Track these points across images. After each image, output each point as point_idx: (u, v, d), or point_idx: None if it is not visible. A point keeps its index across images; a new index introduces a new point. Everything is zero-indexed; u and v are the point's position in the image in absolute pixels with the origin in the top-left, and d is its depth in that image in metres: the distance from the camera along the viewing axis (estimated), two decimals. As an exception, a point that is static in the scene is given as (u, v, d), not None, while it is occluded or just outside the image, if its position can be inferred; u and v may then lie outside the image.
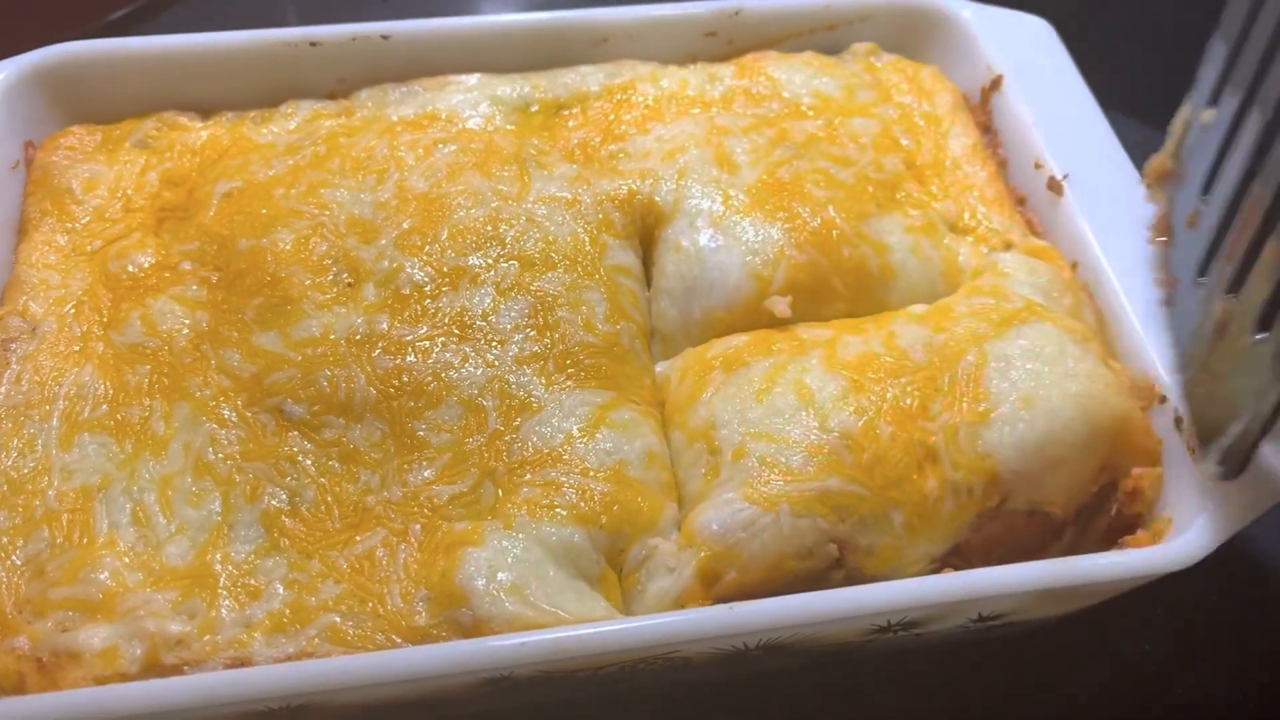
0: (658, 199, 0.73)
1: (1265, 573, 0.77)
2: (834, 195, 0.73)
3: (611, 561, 0.61)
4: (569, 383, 0.65)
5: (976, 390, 0.64)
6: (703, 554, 0.60)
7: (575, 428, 0.64)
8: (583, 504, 0.61)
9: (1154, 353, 0.65)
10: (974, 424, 0.63)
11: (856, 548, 0.61)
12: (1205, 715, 0.72)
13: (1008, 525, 0.63)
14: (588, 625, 0.55)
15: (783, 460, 0.62)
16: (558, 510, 0.60)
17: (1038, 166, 0.76)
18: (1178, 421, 0.62)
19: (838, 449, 0.62)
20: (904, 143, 0.78)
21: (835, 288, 0.71)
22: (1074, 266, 0.72)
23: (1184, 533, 0.59)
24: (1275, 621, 0.74)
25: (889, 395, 0.64)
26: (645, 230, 0.74)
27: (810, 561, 0.60)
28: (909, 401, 0.64)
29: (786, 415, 0.64)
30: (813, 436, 0.62)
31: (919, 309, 0.70)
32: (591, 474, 0.62)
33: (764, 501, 0.60)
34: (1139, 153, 0.77)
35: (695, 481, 0.64)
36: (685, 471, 0.65)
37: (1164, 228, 0.65)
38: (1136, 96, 1.06)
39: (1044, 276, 0.70)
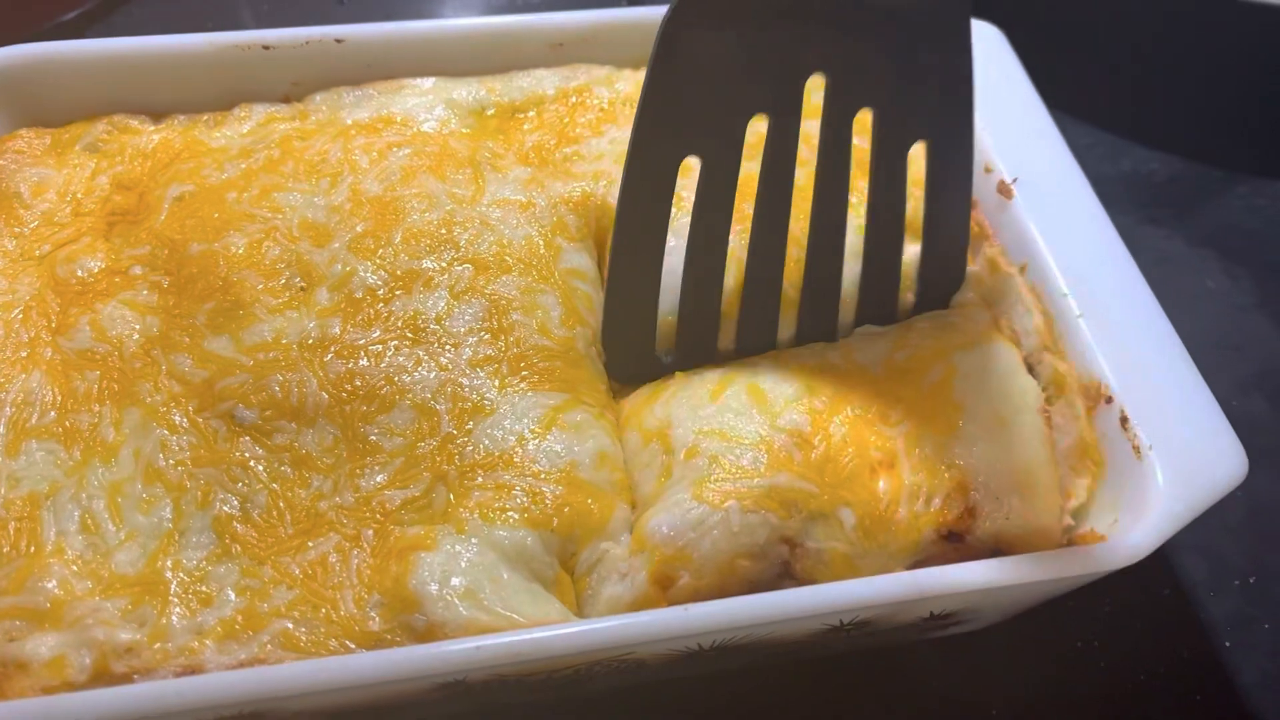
0: (611, 201, 0.73)
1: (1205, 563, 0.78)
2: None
3: (565, 565, 0.62)
4: (522, 385, 0.65)
5: (944, 402, 0.64)
6: (655, 559, 0.60)
7: (527, 429, 0.63)
8: (534, 507, 0.61)
9: (1100, 353, 0.66)
10: (942, 436, 0.63)
11: (806, 551, 0.61)
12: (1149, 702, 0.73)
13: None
14: (542, 628, 0.55)
15: (733, 458, 0.62)
16: (509, 513, 0.60)
17: (988, 170, 0.77)
18: (1123, 421, 0.64)
19: (787, 446, 0.62)
20: (856, 142, 0.78)
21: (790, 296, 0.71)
22: (1022, 268, 0.73)
23: (1130, 530, 0.60)
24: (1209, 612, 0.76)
25: (845, 401, 0.64)
26: (599, 233, 0.74)
27: (763, 563, 0.60)
28: (867, 408, 0.64)
29: (738, 413, 0.64)
30: (763, 433, 0.62)
31: (876, 329, 0.71)
32: (542, 476, 0.62)
33: (714, 499, 0.60)
34: (1088, 156, 0.78)
35: (649, 483, 0.64)
36: (640, 473, 0.65)
37: None
38: (1086, 101, 1.08)
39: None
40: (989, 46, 0.84)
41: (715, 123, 0.62)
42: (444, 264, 0.69)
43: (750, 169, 0.64)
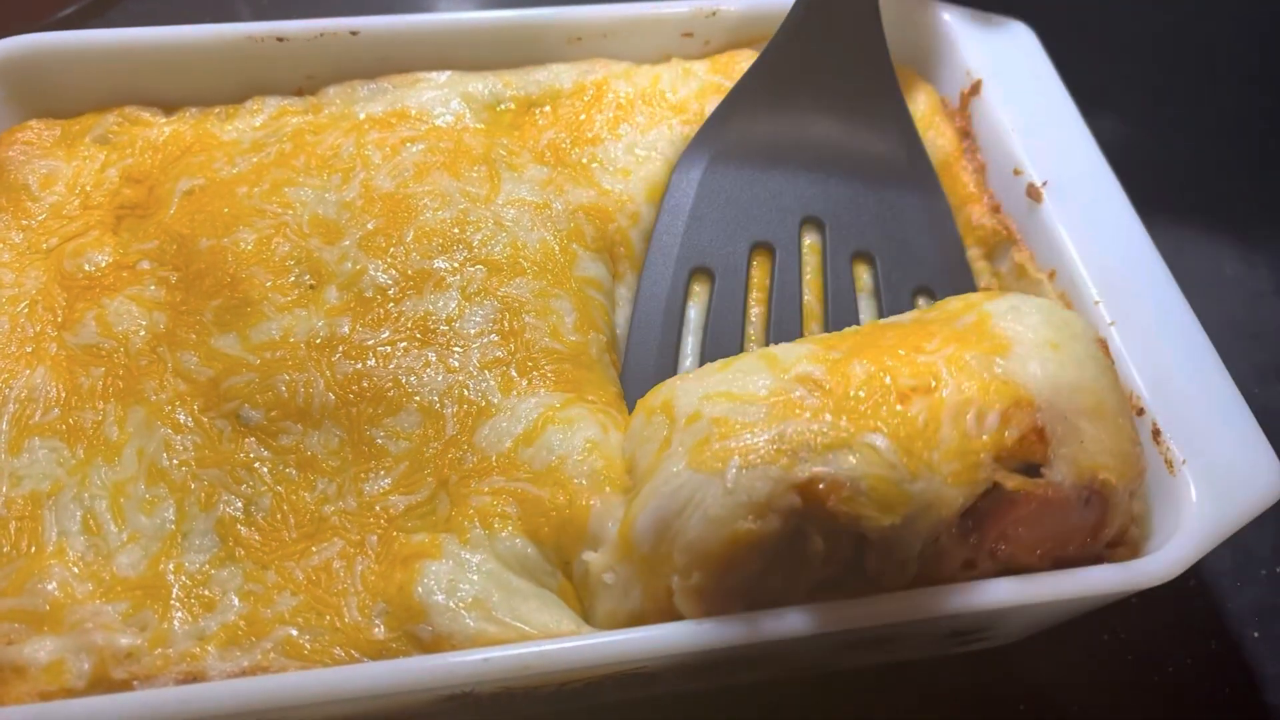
0: (631, 234, 0.73)
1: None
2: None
3: (565, 573, 0.60)
4: (527, 387, 0.63)
5: (985, 332, 0.57)
6: (642, 570, 0.55)
7: (523, 430, 0.61)
8: (526, 515, 0.58)
9: (1131, 364, 0.64)
10: (989, 354, 0.55)
11: (839, 485, 0.51)
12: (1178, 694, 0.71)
13: (1060, 515, 0.55)
14: (552, 641, 0.53)
15: (738, 417, 0.54)
16: (508, 522, 0.58)
17: (1016, 173, 0.75)
18: (1156, 434, 0.61)
19: (800, 394, 0.54)
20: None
21: None
22: (1051, 275, 0.70)
23: (1162, 548, 0.58)
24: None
25: (868, 345, 0.57)
26: (613, 248, 0.72)
27: (769, 520, 0.52)
28: (895, 347, 0.56)
29: (747, 373, 0.57)
30: (773, 386, 0.55)
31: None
32: (533, 480, 0.59)
33: (712, 463, 0.53)
34: (1120, 157, 0.76)
35: (647, 457, 0.57)
36: (641, 449, 0.58)
37: None
38: (1118, 100, 1.06)
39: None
40: (1020, 45, 0.82)
41: (722, 243, 0.73)
42: (456, 264, 0.67)
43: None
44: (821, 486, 0.51)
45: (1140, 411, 0.63)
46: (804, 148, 0.76)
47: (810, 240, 0.73)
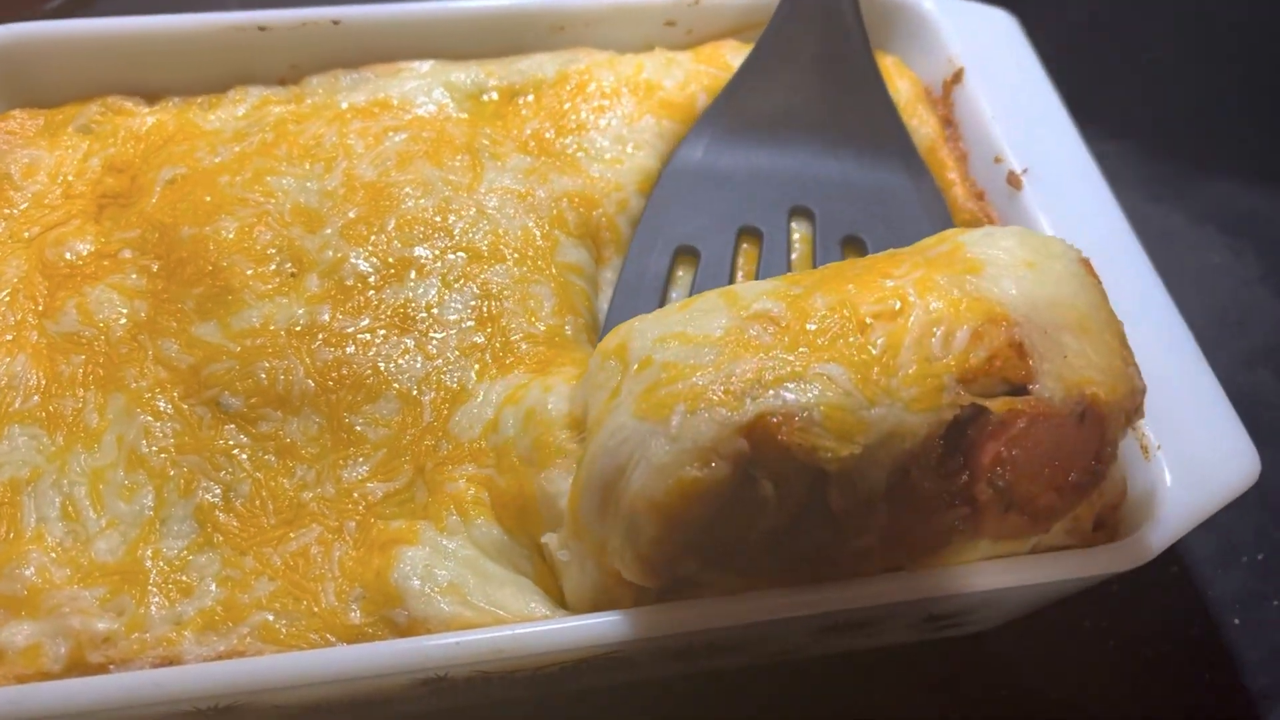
0: (619, 220, 0.73)
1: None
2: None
3: (541, 556, 0.60)
4: (499, 372, 0.63)
5: (958, 257, 0.55)
6: (591, 548, 0.53)
7: (492, 416, 0.61)
8: (494, 502, 0.59)
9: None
10: (961, 274, 0.52)
11: (791, 420, 0.48)
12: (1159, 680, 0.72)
13: (1055, 435, 0.51)
14: (524, 625, 0.54)
15: (689, 360, 0.51)
16: (484, 507, 0.59)
17: (997, 160, 0.75)
18: (1131, 420, 0.61)
19: (756, 333, 0.51)
20: None
21: None
22: (1031, 262, 0.70)
23: (1134, 533, 0.58)
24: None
25: (833, 278, 0.54)
26: (597, 234, 0.72)
27: (716, 467, 0.48)
28: (861, 275, 0.54)
29: (705, 313, 0.54)
30: (729, 325, 0.52)
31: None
32: (495, 465, 0.59)
33: (657, 410, 0.50)
34: (1105, 144, 0.77)
35: (597, 407, 0.54)
36: (593, 396, 0.55)
37: None
38: (1100, 88, 1.06)
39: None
40: (1002, 33, 0.82)
41: (711, 224, 0.73)
42: (437, 252, 0.68)
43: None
44: (774, 420, 0.48)
45: (1116, 397, 0.63)
46: (793, 136, 0.76)
47: (800, 229, 0.73)
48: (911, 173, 0.74)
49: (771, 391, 0.49)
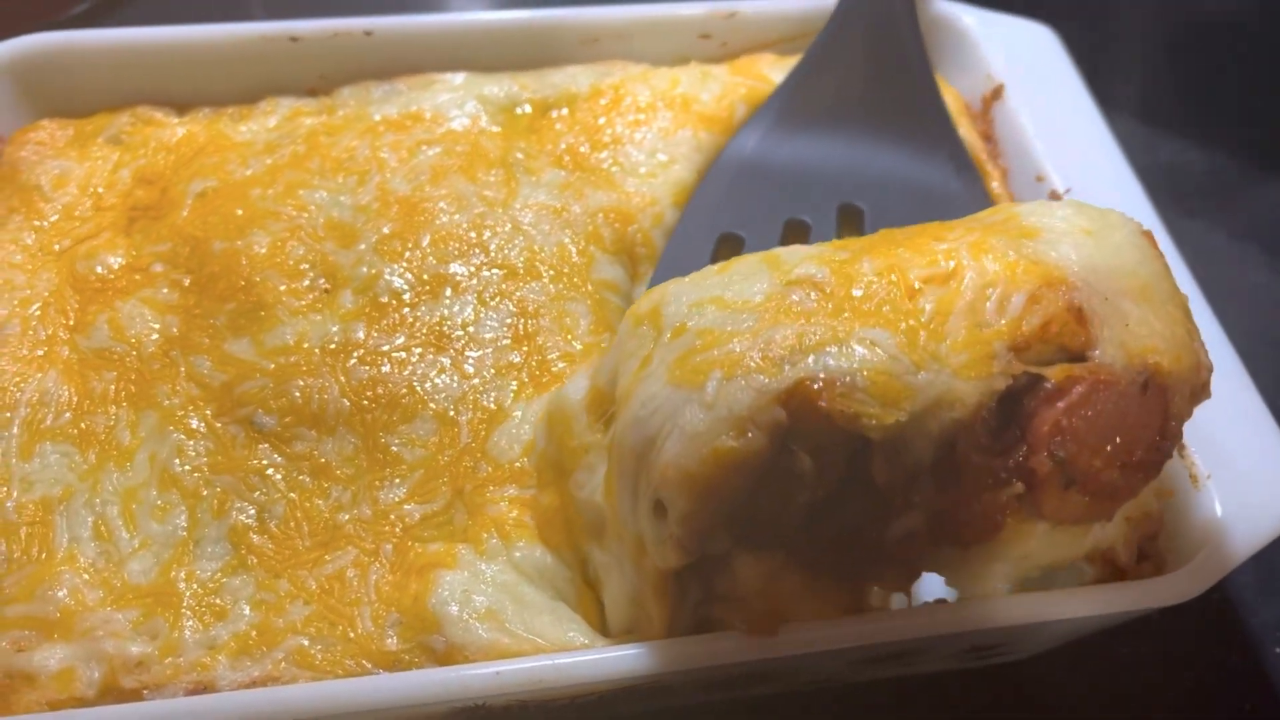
0: (654, 234, 0.71)
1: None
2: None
3: (583, 574, 0.59)
4: (534, 391, 0.62)
5: (1014, 224, 0.52)
6: (628, 543, 0.52)
7: (530, 433, 0.61)
8: (539, 522, 0.58)
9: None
10: (1017, 239, 0.50)
11: (832, 386, 0.45)
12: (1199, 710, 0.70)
13: (1117, 406, 0.48)
14: (565, 655, 0.53)
15: (726, 326, 0.49)
16: (526, 529, 0.58)
17: (1039, 179, 0.74)
18: (1181, 448, 0.60)
19: (798, 299, 0.49)
20: None
21: None
22: (1074, 283, 0.69)
23: (1186, 565, 0.57)
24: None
25: (882, 242, 0.52)
26: (632, 250, 0.71)
27: (753, 438, 0.46)
28: (911, 240, 0.51)
29: (745, 277, 0.51)
30: (769, 290, 0.50)
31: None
32: (538, 481, 0.59)
33: (692, 377, 0.47)
34: (1144, 161, 0.75)
35: (626, 377, 0.52)
36: (624, 364, 0.53)
37: None
38: (1123, 90, 1.05)
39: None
40: (1042, 48, 0.81)
41: (759, 215, 0.71)
42: (473, 268, 0.67)
43: None
44: (815, 386, 0.46)
45: (1165, 425, 0.62)
46: (846, 134, 0.74)
47: (849, 226, 0.71)
48: (962, 175, 0.73)
49: (812, 357, 0.46)
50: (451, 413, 0.61)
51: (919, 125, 0.74)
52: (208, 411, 0.62)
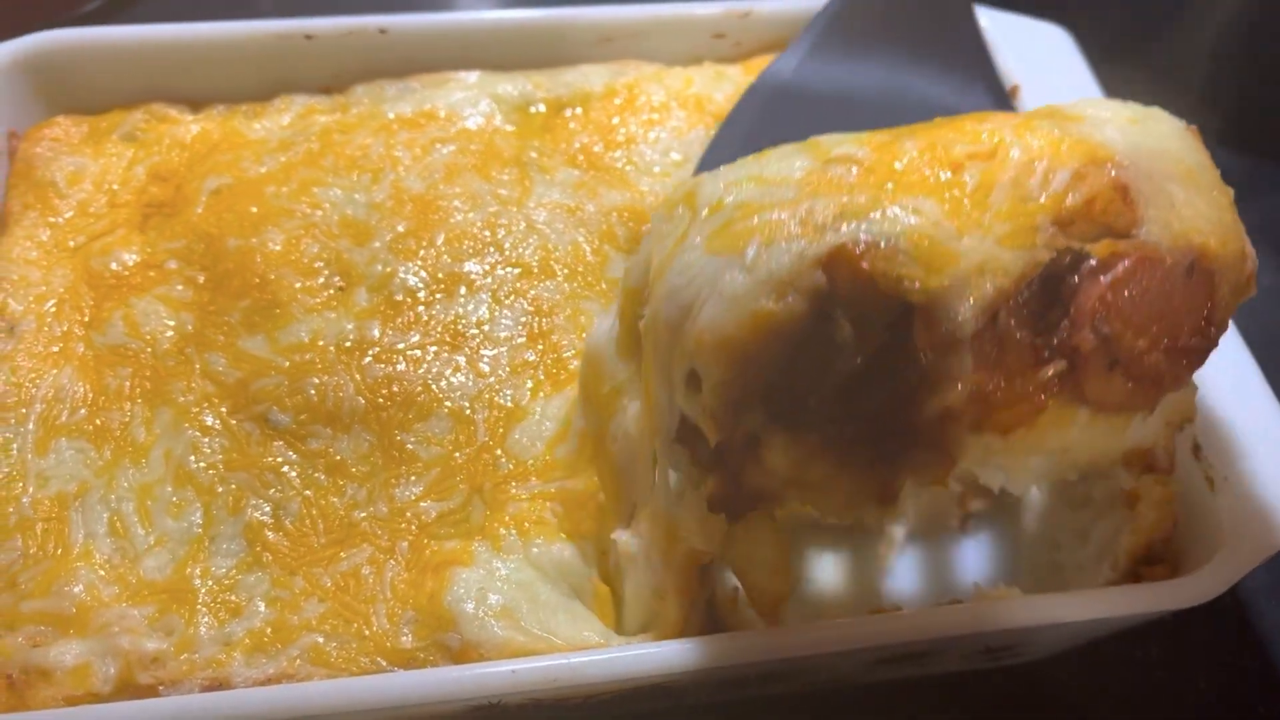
0: None
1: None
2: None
3: (602, 572, 0.59)
4: (553, 388, 0.63)
5: (1058, 113, 0.51)
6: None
7: (555, 430, 0.61)
8: (568, 512, 0.58)
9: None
10: (1063, 123, 0.49)
11: (875, 250, 0.45)
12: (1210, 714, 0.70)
13: (1163, 286, 0.47)
14: (581, 654, 0.53)
15: (768, 198, 0.48)
16: (547, 525, 0.58)
17: (1053, 180, 0.74)
18: (1196, 449, 0.60)
19: (839, 173, 0.48)
20: None
21: None
22: (1089, 285, 0.69)
23: (1201, 568, 0.57)
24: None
25: (926, 127, 0.51)
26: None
27: (792, 301, 0.45)
28: (956, 122, 0.50)
29: (783, 158, 0.50)
30: (810, 166, 0.49)
31: None
32: (568, 474, 0.59)
33: (730, 244, 0.47)
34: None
35: (660, 256, 0.51)
36: (657, 247, 0.52)
37: None
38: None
39: None
40: (1057, 49, 0.81)
41: (793, 137, 0.63)
42: (487, 267, 0.67)
43: None
44: (858, 249, 0.45)
45: (1180, 427, 0.62)
46: (886, 64, 0.72)
47: None
48: (999, 109, 0.71)
49: (854, 222, 0.46)
50: (468, 411, 0.61)
51: (957, 57, 0.72)
52: (223, 408, 0.62)
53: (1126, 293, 0.47)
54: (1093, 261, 0.47)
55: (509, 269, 0.67)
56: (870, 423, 0.48)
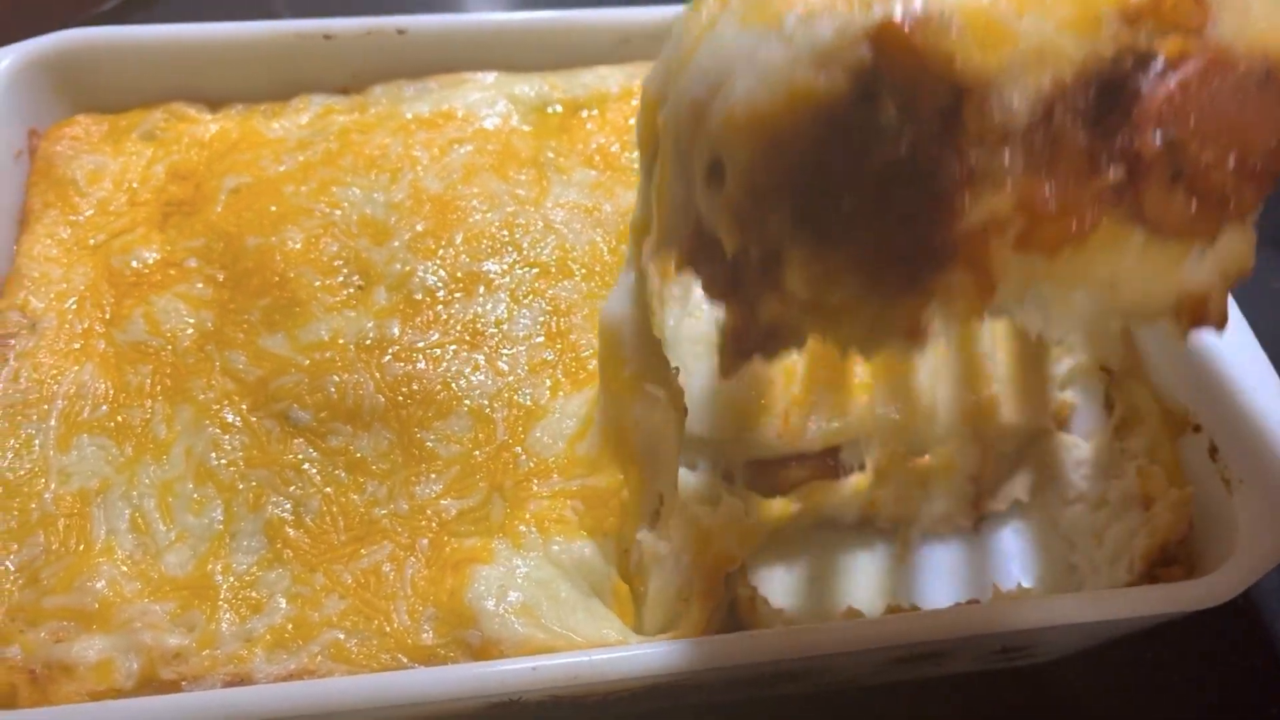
0: None
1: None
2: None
3: (622, 571, 0.60)
4: (572, 387, 0.63)
5: None
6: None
7: (576, 427, 0.61)
8: (590, 509, 0.59)
9: (1186, 380, 0.63)
10: None
11: (926, 20, 0.41)
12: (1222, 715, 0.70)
13: (1234, 96, 0.44)
14: (601, 651, 0.53)
15: None
16: (567, 523, 0.58)
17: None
18: (1212, 451, 0.61)
19: None
20: None
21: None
22: (1104, 287, 0.70)
23: (1216, 570, 0.57)
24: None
25: None
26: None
27: (833, 75, 0.41)
28: None
29: None
30: None
31: None
32: (589, 471, 0.60)
33: (767, 17, 0.43)
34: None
35: (688, 40, 0.47)
36: (681, 41, 0.47)
37: None
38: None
39: None
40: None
41: None
42: (505, 266, 0.67)
43: None
44: (907, 24, 0.41)
45: (1197, 429, 0.62)
46: None
47: None
48: None
49: None
50: (487, 409, 0.62)
51: None
52: (243, 406, 0.63)
53: (1194, 95, 0.43)
54: (1160, 62, 0.43)
55: (527, 269, 0.67)
56: (905, 232, 0.44)
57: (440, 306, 0.66)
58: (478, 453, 0.61)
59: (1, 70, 0.74)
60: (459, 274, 0.67)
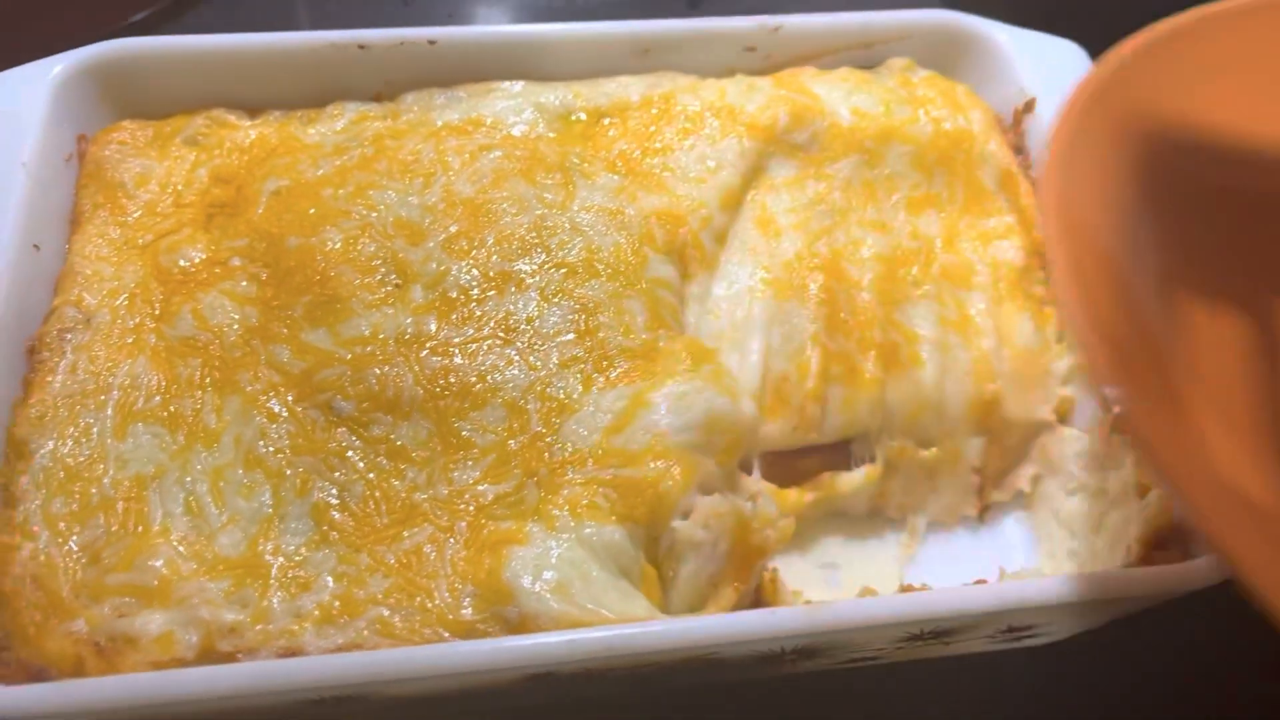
0: (702, 235, 0.75)
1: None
2: (873, 272, 0.77)
3: (650, 555, 0.63)
4: (605, 383, 0.67)
5: None
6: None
7: (611, 421, 0.65)
8: (622, 497, 0.62)
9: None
10: None
11: None
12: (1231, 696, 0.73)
13: None
14: (634, 624, 0.57)
15: None
16: (598, 509, 0.62)
17: (1069, 189, 0.77)
18: (1205, 442, 0.64)
19: None
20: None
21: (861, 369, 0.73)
22: (1103, 288, 0.73)
23: (1208, 553, 0.60)
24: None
25: None
26: (683, 250, 0.75)
27: None
28: None
29: None
30: None
31: None
32: (625, 463, 0.63)
33: None
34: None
35: None
36: None
37: None
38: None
39: None
40: (1071, 64, 0.85)
41: None
42: (535, 266, 0.71)
43: None
44: None
45: (1191, 420, 0.65)
46: None
47: None
48: None
49: None
50: (521, 401, 0.65)
51: None
52: (288, 397, 0.66)
53: None
54: None
55: (556, 269, 0.71)
56: None
57: (474, 304, 0.69)
58: (512, 442, 0.64)
59: (51, 78, 0.77)
60: (491, 273, 0.70)
